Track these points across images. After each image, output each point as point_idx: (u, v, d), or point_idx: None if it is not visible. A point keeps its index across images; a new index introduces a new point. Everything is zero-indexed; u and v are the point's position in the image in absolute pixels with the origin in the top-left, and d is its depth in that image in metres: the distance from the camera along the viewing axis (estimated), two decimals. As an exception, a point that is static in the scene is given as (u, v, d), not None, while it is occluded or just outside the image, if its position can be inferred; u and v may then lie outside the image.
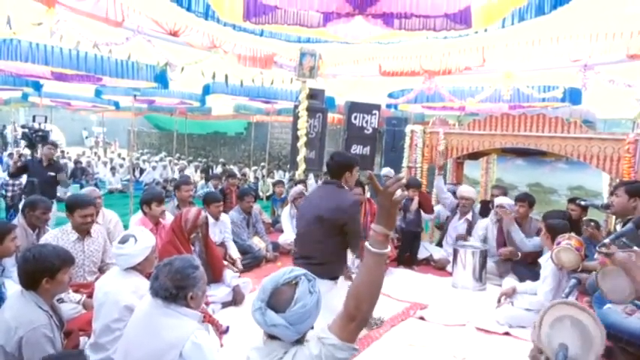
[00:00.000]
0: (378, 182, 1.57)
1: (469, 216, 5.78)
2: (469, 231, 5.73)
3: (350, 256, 3.77)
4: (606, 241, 3.06)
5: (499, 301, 4.17)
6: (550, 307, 1.93)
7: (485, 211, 6.23)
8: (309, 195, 3.86)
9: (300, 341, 1.64)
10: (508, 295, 4.16)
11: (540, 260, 4.08)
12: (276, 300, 1.58)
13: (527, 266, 4.95)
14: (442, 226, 6.35)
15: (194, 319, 2.15)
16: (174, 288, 2.11)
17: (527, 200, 5.16)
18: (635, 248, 2.34)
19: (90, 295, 3.14)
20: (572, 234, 3.64)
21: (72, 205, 3.53)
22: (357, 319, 1.54)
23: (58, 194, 10.34)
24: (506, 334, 3.79)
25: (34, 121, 5.81)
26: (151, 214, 4.38)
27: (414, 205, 5.67)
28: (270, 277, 1.66)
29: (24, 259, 2.35)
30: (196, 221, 3.84)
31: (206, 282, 2.42)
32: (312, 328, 1.69)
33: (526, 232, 5.11)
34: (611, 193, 3.85)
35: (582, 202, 5.08)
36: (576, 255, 3.40)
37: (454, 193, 6.04)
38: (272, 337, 1.65)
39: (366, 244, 1.54)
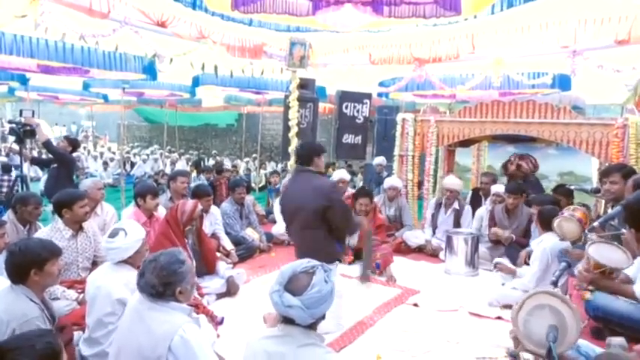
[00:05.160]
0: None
1: (455, 205, 5.79)
2: (457, 220, 5.77)
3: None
4: (595, 224, 3.09)
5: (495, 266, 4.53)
6: (534, 294, 1.97)
7: (476, 198, 6.27)
8: (288, 187, 3.75)
9: (312, 326, 1.75)
10: (505, 271, 4.34)
11: (532, 243, 4.11)
12: (293, 285, 1.71)
13: (519, 250, 5.00)
14: None
15: (183, 313, 2.13)
16: (161, 285, 2.08)
17: (520, 192, 5.17)
18: (624, 230, 2.36)
19: (85, 291, 3.13)
20: (577, 206, 3.62)
21: (71, 199, 3.48)
22: None
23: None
24: (499, 318, 3.83)
25: (20, 115, 5.67)
26: (144, 207, 4.37)
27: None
28: (288, 265, 1.79)
29: (10, 252, 2.35)
30: (193, 213, 3.82)
31: (195, 274, 2.40)
32: (324, 318, 1.79)
33: (518, 220, 5.17)
34: (601, 179, 3.86)
35: (572, 187, 5.13)
36: (578, 226, 3.33)
37: None
38: (287, 321, 1.75)
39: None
